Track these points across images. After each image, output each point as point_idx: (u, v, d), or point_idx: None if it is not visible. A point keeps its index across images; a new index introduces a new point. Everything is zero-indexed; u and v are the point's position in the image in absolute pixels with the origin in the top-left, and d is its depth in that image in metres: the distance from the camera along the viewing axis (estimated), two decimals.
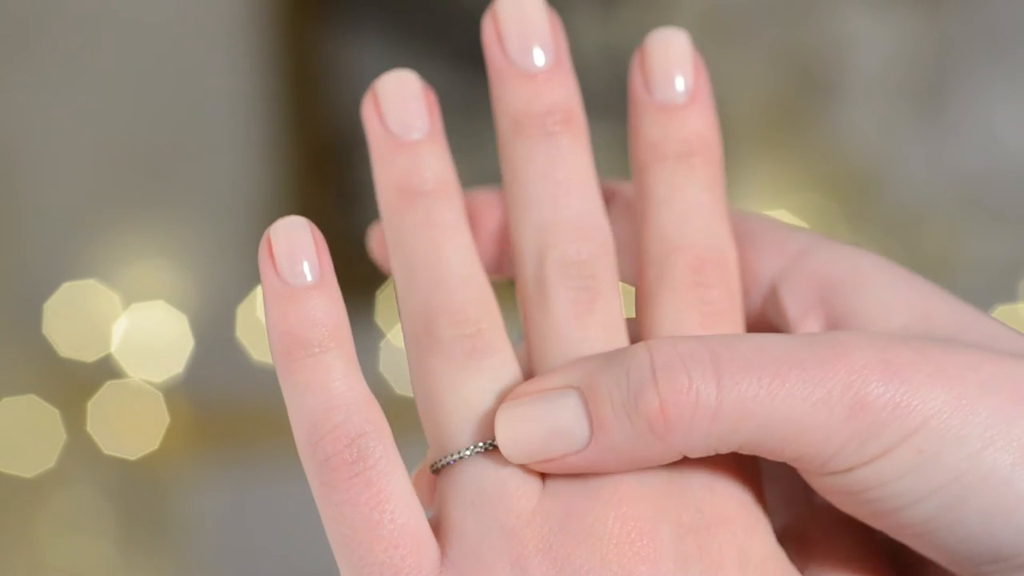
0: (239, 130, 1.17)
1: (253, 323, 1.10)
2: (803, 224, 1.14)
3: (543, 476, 0.31)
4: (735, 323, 0.32)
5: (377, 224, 0.36)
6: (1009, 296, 1.13)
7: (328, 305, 0.31)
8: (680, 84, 0.35)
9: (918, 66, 1.15)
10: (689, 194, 0.33)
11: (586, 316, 0.32)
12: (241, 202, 1.17)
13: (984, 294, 1.13)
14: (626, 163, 0.35)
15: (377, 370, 1.10)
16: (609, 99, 1.24)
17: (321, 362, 0.31)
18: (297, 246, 0.32)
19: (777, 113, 1.16)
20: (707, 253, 0.33)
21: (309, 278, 0.32)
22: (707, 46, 1.17)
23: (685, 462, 0.31)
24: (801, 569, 0.32)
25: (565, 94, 0.34)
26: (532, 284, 0.32)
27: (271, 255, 0.32)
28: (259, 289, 1.12)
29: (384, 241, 0.34)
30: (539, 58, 0.34)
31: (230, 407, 1.15)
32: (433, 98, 0.35)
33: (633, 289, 0.34)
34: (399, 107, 0.34)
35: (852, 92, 1.16)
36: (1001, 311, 1.12)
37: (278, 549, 1.16)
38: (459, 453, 0.31)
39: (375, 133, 0.34)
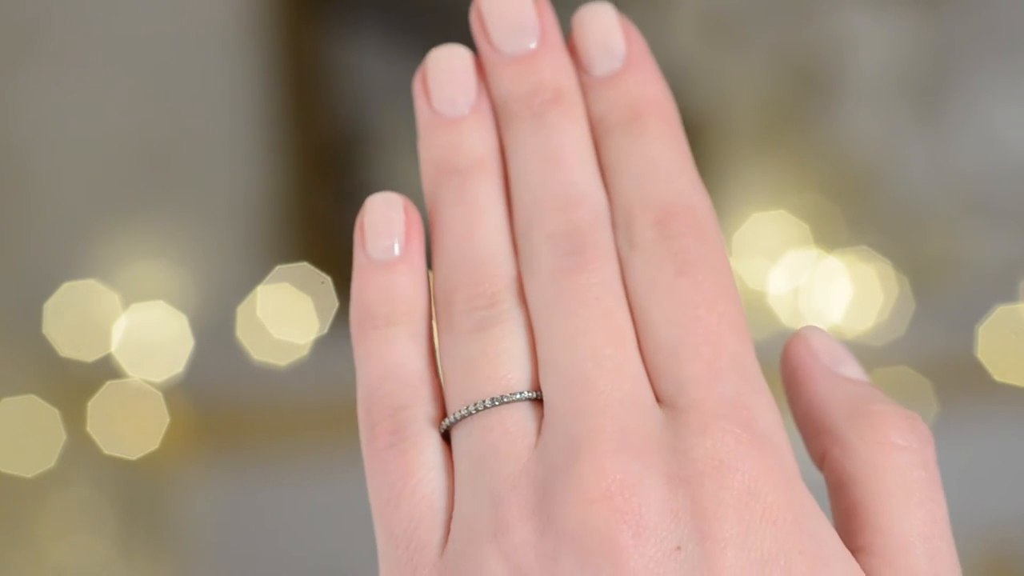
0: (239, 130, 1.17)
1: (253, 323, 1.10)
2: (803, 224, 1.14)
3: (538, 435, 0.30)
4: (715, 267, 0.31)
5: None
6: (1009, 296, 1.13)
7: (405, 281, 0.32)
8: (613, 53, 0.34)
9: (918, 66, 1.15)
10: (644, 153, 0.33)
11: (575, 275, 0.31)
12: (241, 202, 1.17)
13: (984, 294, 1.13)
14: None
15: None
16: None
17: (385, 335, 0.31)
18: (386, 222, 0.32)
19: (777, 113, 1.16)
20: (670, 207, 0.32)
21: (393, 254, 0.32)
22: (707, 46, 1.17)
23: (675, 407, 0.29)
24: None
25: (552, 72, 0.34)
26: (525, 258, 0.32)
27: (362, 229, 0.32)
28: (259, 289, 1.12)
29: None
30: (524, 41, 0.34)
31: (230, 407, 1.15)
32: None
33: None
34: (444, 83, 0.34)
35: (852, 92, 1.16)
36: (1001, 311, 1.12)
37: (278, 549, 1.16)
38: (452, 416, 0.30)
39: (421, 110, 0.34)
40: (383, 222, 0.32)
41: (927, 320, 1.12)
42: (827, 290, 1.13)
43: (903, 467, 0.30)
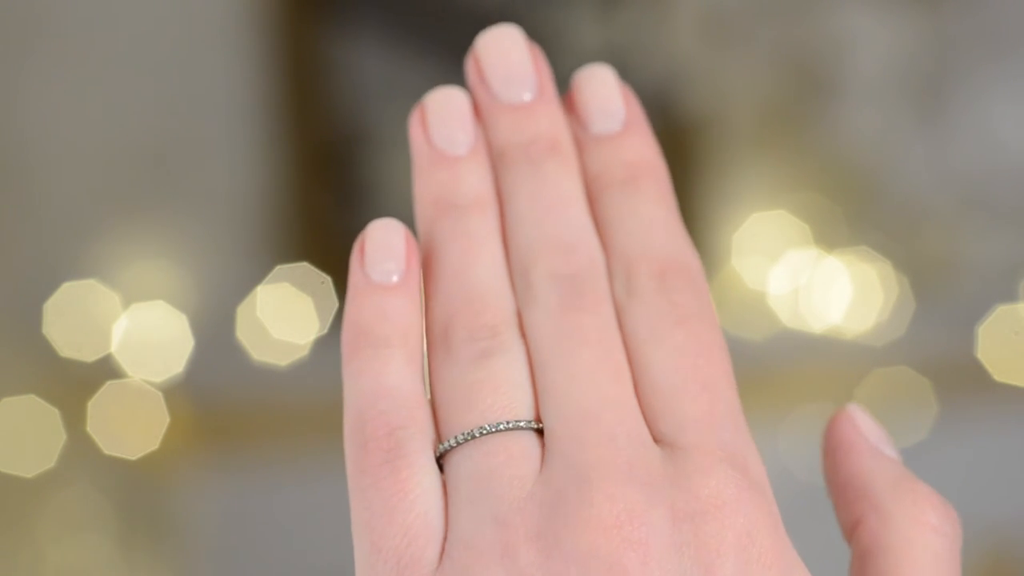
0: (239, 130, 1.17)
1: (253, 323, 1.10)
2: (803, 225, 1.14)
3: (540, 462, 0.30)
4: (710, 322, 0.32)
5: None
6: (1009, 296, 1.13)
7: (402, 306, 0.32)
8: (612, 114, 0.35)
9: (918, 66, 1.15)
10: (641, 211, 0.34)
11: (577, 314, 0.32)
12: (241, 202, 1.17)
13: (984, 294, 1.13)
14: None
15: None
16: None
17: (381, 355, 0.32)
18: (387, 246, 0.33)
19: (777, 113, 1.16)
20: (668, 261, 0.33)
21: (392, 279, 0.32)
22: (707, 46, 1.17)
23: (676, 446, 0.30)
24: None
25: (549, 124, 0.35)
26: (524, 295, 0.33)
27: (362, 251, 0.33)
28: (259, 289, 1.12)
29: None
30: (521, 92, 0.35)
31: (230, 407, 1.15)
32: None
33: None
34: (443, 121, 0.35)
35: (852, 92, 1.16)
36: (1001, 311, 1.12)
37: (278, 549, 1.16)
38: (452, 440, 0.31)
39: (418, 146, 0.35)
40: (384, 246, 0.33)
41: (927, 320, 1.13)
42: (827, 290, 1.13)
43: (935, 548, 0.31)
